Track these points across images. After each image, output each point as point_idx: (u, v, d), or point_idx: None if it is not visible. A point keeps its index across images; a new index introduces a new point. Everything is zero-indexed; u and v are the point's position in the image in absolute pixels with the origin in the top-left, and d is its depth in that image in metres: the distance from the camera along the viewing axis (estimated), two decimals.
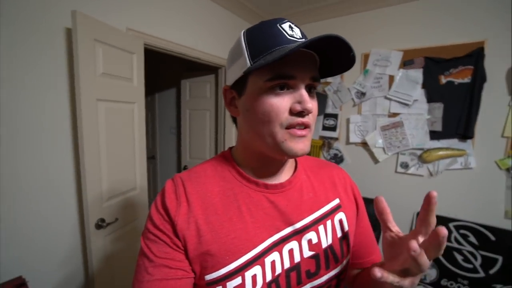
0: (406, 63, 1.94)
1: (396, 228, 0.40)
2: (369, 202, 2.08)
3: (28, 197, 1.13)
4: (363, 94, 2.13)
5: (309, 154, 0.61)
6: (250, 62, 0.43)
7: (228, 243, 0.44)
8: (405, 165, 1.99)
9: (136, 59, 1.44)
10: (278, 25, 0.44)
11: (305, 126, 0.44)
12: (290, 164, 0.54)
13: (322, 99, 2.32)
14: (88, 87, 1.18)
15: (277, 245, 0.46)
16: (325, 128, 2.35)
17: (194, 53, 1.89)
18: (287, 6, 2.28)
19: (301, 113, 0.43)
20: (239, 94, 0.48)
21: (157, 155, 3.17)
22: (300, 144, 0.44)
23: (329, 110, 2.33)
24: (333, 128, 2.31)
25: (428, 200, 0.35)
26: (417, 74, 1.89)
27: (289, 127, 0.43)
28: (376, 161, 2.12)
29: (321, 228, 0.50)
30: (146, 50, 1.57)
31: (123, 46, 1.35)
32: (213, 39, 2.05)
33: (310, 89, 0.45)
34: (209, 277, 0.43)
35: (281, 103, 0.42)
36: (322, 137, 2.39)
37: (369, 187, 2.13)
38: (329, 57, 0.45)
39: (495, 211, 1.71)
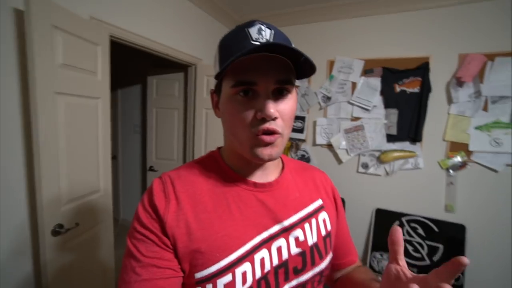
0: (367, 72, 2.12)
1: (403, 262, 0.39)
2: None
3: None
4: (329, 98, 2.26)
5: None
6: (218, 69, 0.44)
7: (218, 241, 0.44)
8: (365, 166, 2.16)
9: (101, 51, 1.33)
10: (246, 29, 0.43)
11: (273, 132, 0.43)
12: (276, 165, 0.56)
13: None
14: (45, 78, 1.06)
15: (266, 243, 0.47)
16: (293, 130, 2.44)
17: (163, 49, 1.81)
18: (258, 9, 2.33)
19: (264, 120, 0.42)
20: (218, 98, 0.50)
21: (119, 155, 2.95)
22: (267, 150, 0.44)
23: (297, 112, 2.42)
24: (300, 130, 2.41)
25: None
26: (376, 82, 2.08)
27: (256, 132, 0.43)
28: (340, 161, 2.27)
29: (307, 226, 0.52)
30: (111, 42, 1.46)
31: (86, 36, 1.24)
32: (184, 36, 1.99)
33: (281, 92, 0.44)
34: (199, 275, 0.43)
35: (244, 110, 0.43)
36: (290, 139, 2.47)
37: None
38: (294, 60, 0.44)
39: (438, 206, 1.96)
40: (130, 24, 1.56)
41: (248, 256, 0.45)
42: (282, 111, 0.44)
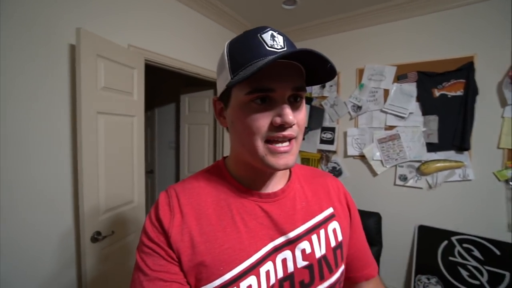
0: (400, 77, 1.99)
1: None
2: (369, 215, 2.05)
3: (24, 208, 1.12)
4: (359, 107, 2.17)
5: None
6: (231, 76, 0.43)
7: (222, 254, 0.43)
8: (404, 178, 1.98)
9: (136, 74, 1.48)
10: (258, 35, 0.43)
11: (289, 139, 0.43)
12: (283, 173, 0.54)
13: (319, 113, 2.36)
14: (89, 100, 1.21)
15: (271, 255, 0.46)
16: (322, 141, 2.37)
17: (193, 68, 1.94)
18: (285, 24, 2.39)
19: (282, 126, 0.42)
20: (225, 106, 0.48)
21: (155, 169, 3.17)
22: (282, 160, 0.43)
23: (326, 123, 2.35)
24: (330, 142, 2.33)
25: None
26: (411, 87, 1.93)
27: (270, 140, 0.43)
28: (374, 174, 2.12)
29: (314, 237, 0.50)
30: (148, 66, 1.62)
31: (124, 62, 1.40)
32: (211, 55, 2.12)
33: (296, 99, 0.44)
34: None
35: (261, 117, 0.42)
36: (320, 151, 2.40)
37: (369, 200, 2.11)
38: (311, 67, 0.45)
39: (497, 224, 1.68)
40: (163, 48, 1.72)
41: (253, 270, 0.44)
42: (297, 117, 0.44)
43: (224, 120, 0.50)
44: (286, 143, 0.44)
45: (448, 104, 1.81)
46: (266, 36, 0.42)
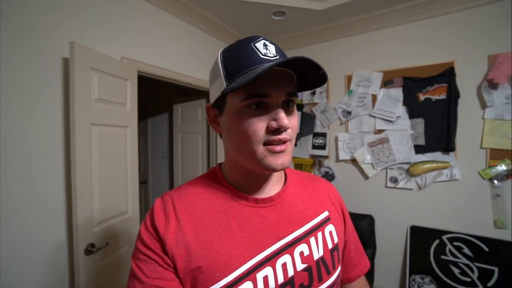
0: (387, 83, 2.07)
1: None
2: (362, 218, 2.08)
3: (15, 220, 1.11)
4: (349, 113, 2.23)
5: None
6: (226, 83, 0.44)
7: (217, 259, 0.43)
8: (394, 180, 2.03)
9: (129, 85, 1.50)
10: (252, 44, 0.44)
11: (284, 141, 0.44)
12: (279, 178, 0.55)
13: (310, 119, 2.41)
14: (83, 112, 1.21)
15: (270, 260, 0.46)
16: (314, 147, 2.41)
17: (185, 78, 1.97)
18: (275, 34, 2.45)
19: (278, 130, 0.43)
20: (220, 112, 0.49)
21: (149, 179, 3.14)
22: (279, 160, 0.44)
23: (318, 129, 2.41)
24: (322, 147, 2.38)
25: None
26: (398, 92, 2.01)
27: (267, 143, 0.44)
28: (366, 177, 2.17)
29: (312, 240, 0.50)
30: (140, 76, 1.63)
31: (117, 73, 1.41)
32: (203, 65, 2.16)
33: (288, 104, 0.46)
34: None
35: (257, 122, 0.43)
36: (312, 156, 2.44)
37: (361, 203, 2.15)
38: (303, 73, 0.46)
39: (485, 221, 1.74)
40: (155, 59, 1.74)
41: (249, 275, 0.43)
42: (291, 122, 0.46)
43: (218, 126, 0.51)
44: (282, 143, 0.45)
45: (433, 107, 1.89)
46: (259, 45, 0.44)
